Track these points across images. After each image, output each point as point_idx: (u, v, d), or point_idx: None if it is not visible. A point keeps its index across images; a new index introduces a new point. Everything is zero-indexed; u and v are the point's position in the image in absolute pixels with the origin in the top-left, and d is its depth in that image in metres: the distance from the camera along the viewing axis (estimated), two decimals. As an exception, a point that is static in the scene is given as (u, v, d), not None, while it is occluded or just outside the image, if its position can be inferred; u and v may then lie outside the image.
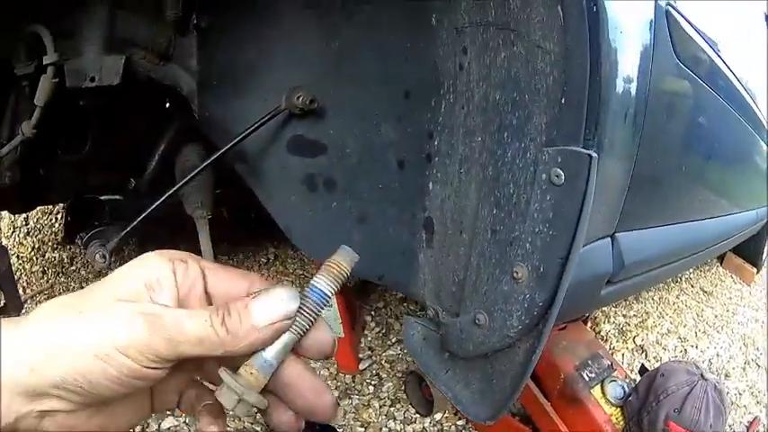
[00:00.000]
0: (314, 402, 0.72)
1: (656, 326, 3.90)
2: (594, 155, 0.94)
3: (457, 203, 1.24)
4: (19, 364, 0.64)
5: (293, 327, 0.69)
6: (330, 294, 0.71)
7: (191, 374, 0.79)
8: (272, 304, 0.67)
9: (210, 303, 0.74)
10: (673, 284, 4.56)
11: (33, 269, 4.03)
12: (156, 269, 0.71)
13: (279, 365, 0.70)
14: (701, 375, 2.39)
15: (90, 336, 0.63)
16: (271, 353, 0.68)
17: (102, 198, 2.40)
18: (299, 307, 0.68)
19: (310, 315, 0.69)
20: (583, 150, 0.95)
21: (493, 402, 1.18)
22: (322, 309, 0.71)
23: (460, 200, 1.23)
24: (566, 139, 0.98)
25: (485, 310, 1.12)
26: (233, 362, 0.71)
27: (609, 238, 1.32)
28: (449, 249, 1.28)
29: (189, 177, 1.68)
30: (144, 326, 0.63)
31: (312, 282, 0.71)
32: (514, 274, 1.05)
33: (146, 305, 0.67)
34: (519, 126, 1.06)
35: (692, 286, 4.65)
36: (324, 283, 0.71)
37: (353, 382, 3.15)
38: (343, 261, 0.72)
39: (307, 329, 0.70)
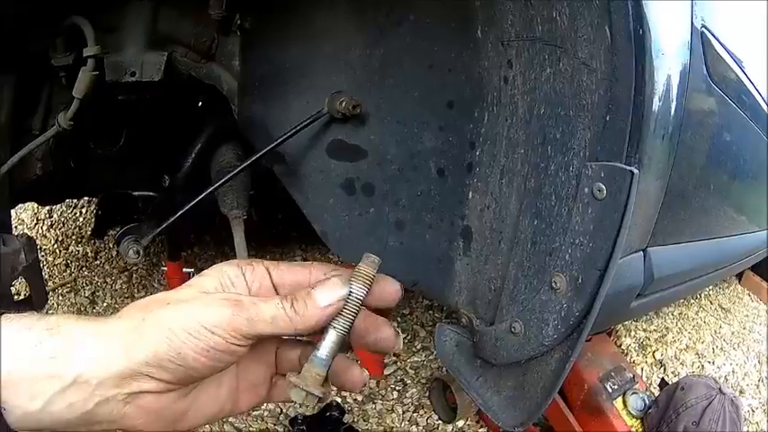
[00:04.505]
0: (377, 335, 0.88)
1: (674, 341, 3.91)
2: (636, 171, 0.96)
3: (497, 213, 1.26)
4: (112, 348, 0.70)
5: (338, 327, 0.83)
6: (361, 296, 0.84)
7: (271, 368, 0.93)
8: (330, 289, 0.81)
9: (278, 293, 0.87)
10: (692, 300, 4.56)
11: (56, 262, 4.08)
12: (227, 274, 0.84)
13: (332, 360, 0.83)
14: (720, 390, 2.41)
15: (181, 316, 0.72)
16: (324, 352, 0.82)
17: (135, 194, 2.42)
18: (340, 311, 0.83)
19: (350, 315, 0.83)
20: (626, 167, 0.97)
21: (523, 409, 1.20)
22: (358, 309, 0.84)
23: (501, 210, 1.25)
24: (609, 155, 1.01)
25: (521, 319, 1.14)
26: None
27: (641, 253, 1.34)
28: (486, 258, 1.30)
29: (229, 176, 1.71)
30: (228, 308, 0.73)
31: None
32: (553, 284, 1.07)
33: (228, 293, 0.79)
34: (563, 140, 1.08)
35: (711, 303, 4.64)
36: (355, 287, 0.83)
37: (378, 387, 3.19)
38: (367, 267, 0.85)
39: (349, 327, 0.83)
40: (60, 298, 3.70)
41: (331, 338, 0.82)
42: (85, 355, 0.69)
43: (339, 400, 2.96)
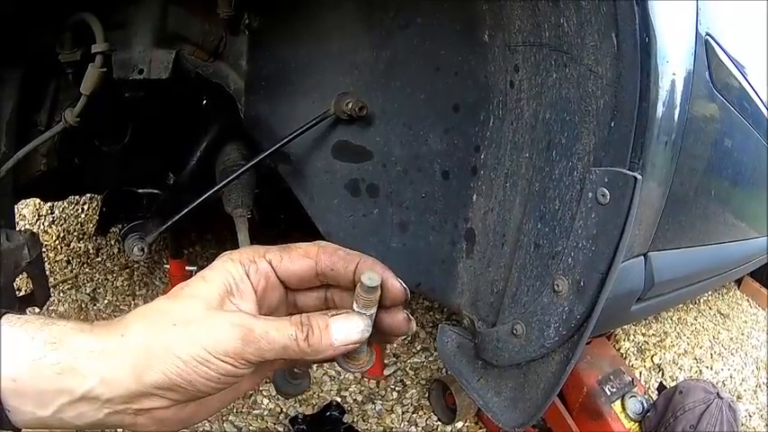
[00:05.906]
0: (390, 321, 0.85)
1: (673, 345, 3.92)
2: (639, 177, 0.97)
3: (500, 216, 1.28)
4: (120, 370, 0.70)
5: None
6: (373, 314, 0.82)
7: None
8: (350, 329, 0.78)
9: (285, 287, 0.86)
10: (691, 306, 4.56)
11: (57, 258, 4.07)
12: (232, 275, 0.80)
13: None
14: (718, 394, 2.42)
15: (190, 343, 0.71)
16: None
17: (140, 191, 2.42)
18: None
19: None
20: (629, 172, 0.98)
21: (523, 410, 1.21)
22: (370, 329, 0.82)
23: (504, 213, 1.27)
24: (613, 161, 1.02)
25: (523, 321, 1.15)
26: None
27: (642, 257, 1.35)
28: (489, 260, 1.31)
29: (235, 176, 1.72)
30: (239, 339, 0.71)
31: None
32: (555, 287, 1.08)
33: (238, 316, 0.75)
34: (567, 145, 1.09)
35: (710, 308, 4.65)
36: (369, 312, 0.81)
37: (378, 387, 3.19)
38: (369, 293, 0.81)
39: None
40: (61, 294, 3.69)
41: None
42: (93, 374, 0.69)
43: (339, 399, 2.98)
